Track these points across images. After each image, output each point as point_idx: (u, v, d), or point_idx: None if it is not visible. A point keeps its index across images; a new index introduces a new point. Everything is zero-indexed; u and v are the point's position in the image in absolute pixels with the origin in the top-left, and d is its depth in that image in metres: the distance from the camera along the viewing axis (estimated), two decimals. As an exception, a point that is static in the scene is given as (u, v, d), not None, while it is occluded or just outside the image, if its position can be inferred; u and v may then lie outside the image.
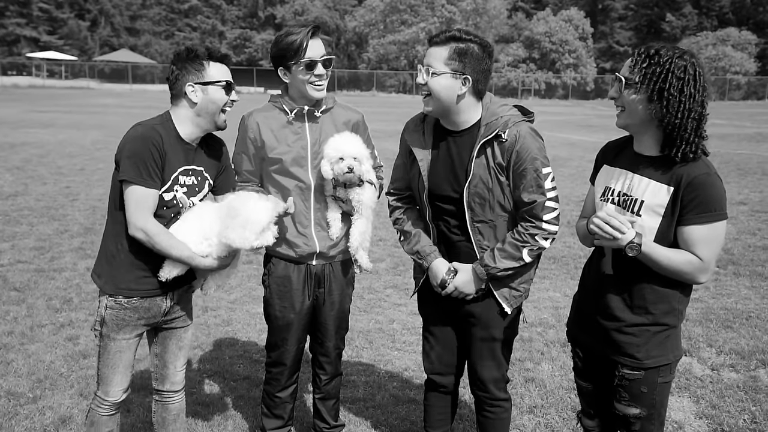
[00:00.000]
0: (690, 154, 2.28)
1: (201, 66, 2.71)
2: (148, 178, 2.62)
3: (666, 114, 2.26)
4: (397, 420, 3.88)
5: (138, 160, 2.59)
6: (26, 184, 10.74)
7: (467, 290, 2.82)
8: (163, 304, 2.86)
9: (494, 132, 2.65)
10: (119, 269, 2.75)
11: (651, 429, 2.51)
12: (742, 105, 49.21)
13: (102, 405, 2.88)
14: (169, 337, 2.99)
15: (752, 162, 14.96)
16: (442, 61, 2.63)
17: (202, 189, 2.88)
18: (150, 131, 2.64)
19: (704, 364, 4.57)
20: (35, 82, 51.94)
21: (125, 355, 2.84)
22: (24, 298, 5.66)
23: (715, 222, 2.28)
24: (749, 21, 65.62)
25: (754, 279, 6.54)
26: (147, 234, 2.63)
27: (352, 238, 3.07)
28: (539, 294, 6.09)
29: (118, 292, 2.75)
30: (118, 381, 2.85)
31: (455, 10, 59.28)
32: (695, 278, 2.34)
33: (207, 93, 2.71)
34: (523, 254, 2.72)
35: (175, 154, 2.71)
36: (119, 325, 2.77)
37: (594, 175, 2.69)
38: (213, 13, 68.00)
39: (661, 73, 2.24)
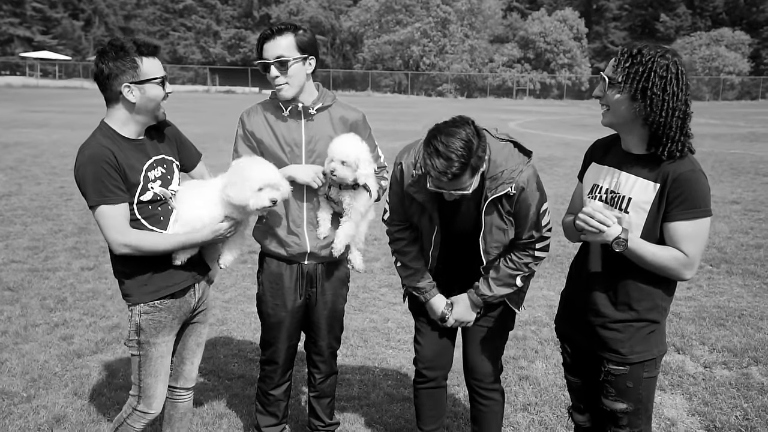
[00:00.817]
0: (676, 152, 2.30)
1: (134, 64, 2.55)
2: (111, 195, 2.54)
3: (650, 112, 2.28)
4: (391, 418, 3.89)
5: (95, 181, 2.52)
6: (20, 184, 10.71)
7: (466, 318, 2.97)
8: (191, 300, 2.86)
9: (502, 192, 2.69)
10: (142, 279, 2.71)
11: (638, 424, 2.53)
12: (735, 105, 49.45)
13: (141, 419, 2.80)
14: (190, 333, 2.98)
15: (745, 161, 15.04)
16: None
17: (173, 173, 2.82)
18: (97, 149, 2.54)
19: (697, 362, 4.60)
20: (29, 82, 51.78)
21: (166, 360, 2.80)
22: (18, 297, 5.65)
23: (700, 218, 2.30)
24: (743, 21, 65.93)
25: (746, 277, 6.58)
26: (130, 246, 2.57)
27: (337, 239, 3.04)
28: (533, 293, 6.11)
29: (153, 296, 2.71)
30: (161, 391, 2.81)
31: (450, 10, 59.37)
32: (681, 274, 2.36)
33: (144, 91, 2.58)
34: (517, 281, 2.88)
35: (132, 158, 2.62)
36: (157, 328, 2.73)
37: (582, 173, 2.71)
38: (208, 13, 67.92)
39: (644, 72, 2.26)
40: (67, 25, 65.16)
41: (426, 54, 60.10)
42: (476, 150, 2.48)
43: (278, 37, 2.89)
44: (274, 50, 2.88)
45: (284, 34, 2.90)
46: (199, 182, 2.91)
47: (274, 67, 2.89)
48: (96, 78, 2.60)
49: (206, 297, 3.01)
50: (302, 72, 2.95)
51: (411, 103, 42.95)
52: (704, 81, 57.36)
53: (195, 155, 3.00)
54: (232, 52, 65.43)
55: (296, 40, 2.91)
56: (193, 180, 2.95)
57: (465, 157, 2.44)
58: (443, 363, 3.17)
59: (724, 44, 60.08)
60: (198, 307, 2.93)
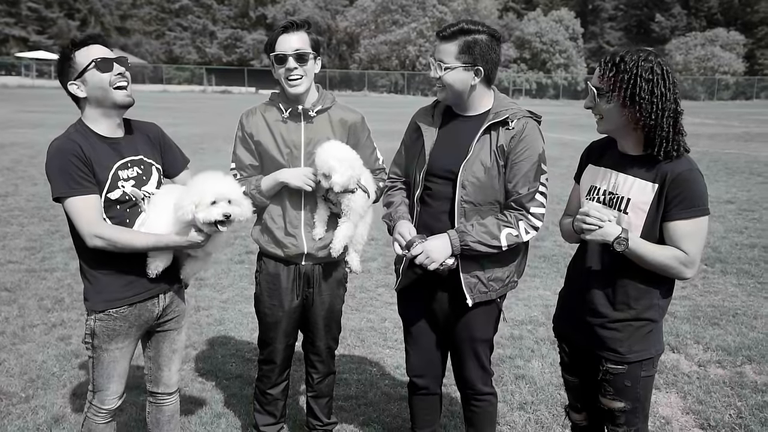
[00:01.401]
0: (673, 152, 2.33)
1: (70, 60, 2.54)
2: (79, 186, 2.51)
3: (641, 117, 2.31)
4: (389, 417, 3.91)
5: (63, 173, 2.49)
6: (16, 185, 10.70)
7: (434, 255, 2.69)
8: (155, 309, 2.80)
9: (503, 117, 2.71)
10: (102, 284, 2.66)
11: (636, 422, 2.55)
12: (730, 105, 49.61)
13: (98, 414, 2.82)
14: (162, 340, 2.93)
15: (740, 161, 15.11)
16: (453, 55, 2.67)
17: (151, 175, 2.76)
18: (65, 143, 2.54)
19: (691, 361, 4.64)
20: (24, 82, 51.63)
21: (120, 364, 2.76)
22: (15, 298, 5.66)
23: (699, 217, 2.34)
24: (737, 21, 66.15)
25: (740, 277, 6.62)
26: (103, 238, 2.51)
27: (335, 241, 3.05)
28: (529, 292, 6.14)
29: (108, 306, 2.67)
30: (113, 389, 2.79)
31: (446, 11, 59.41)
32: (682, 273, 2.38)
33: (86, 82, 2.55)
34: (501, 236, 2.69)
35: (102, 154, 2.59)
36: (110, 335, 2.70)
37: (579, 174, 2.73)
38: (204, 13, 67.81)
39: (630, 78, 2.29)
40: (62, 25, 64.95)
41: (422, 54, 60.05)
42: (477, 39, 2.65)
43: (298, 32, 2.94)
44: (292, 43, 2.91)
45: (302, 30, 2.96)
46: (176, 187, 2.81)
47: (293, 59, 2.91)
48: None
49: (178, 305, 2.94)
50: (314, 69, 3.00)
51: (407, 103, 42.96)
52: (699, 81, 57.56)
53: (180, 162, 2.95)
54: (229, 52, 65.35)
55: (310, 38, 2.97)
56: (171, 185, 2.88)
57: (467, 25, 2.66)
58: (434, 371, 3.15)
59: (718, 44, 60.28)
60: (165, 315, 2.87)
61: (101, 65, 2.54)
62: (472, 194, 2.73)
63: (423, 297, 2.99)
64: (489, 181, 2.72)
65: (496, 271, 2.81)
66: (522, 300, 5.90)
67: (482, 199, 2.74)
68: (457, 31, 2.66)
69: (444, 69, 2.69)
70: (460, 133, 2.80)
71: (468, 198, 2.73)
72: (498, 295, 2.87)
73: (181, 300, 2.98)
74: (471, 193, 2.73)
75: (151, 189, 2.75)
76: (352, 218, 3.05)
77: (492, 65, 2.73)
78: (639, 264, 2.39)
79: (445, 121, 2.89)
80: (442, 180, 2.80)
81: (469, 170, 2.71)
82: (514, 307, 5.68)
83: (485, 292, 2.82)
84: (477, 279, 2.79)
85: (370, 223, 3.23)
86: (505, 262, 2.82)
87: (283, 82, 2.97)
